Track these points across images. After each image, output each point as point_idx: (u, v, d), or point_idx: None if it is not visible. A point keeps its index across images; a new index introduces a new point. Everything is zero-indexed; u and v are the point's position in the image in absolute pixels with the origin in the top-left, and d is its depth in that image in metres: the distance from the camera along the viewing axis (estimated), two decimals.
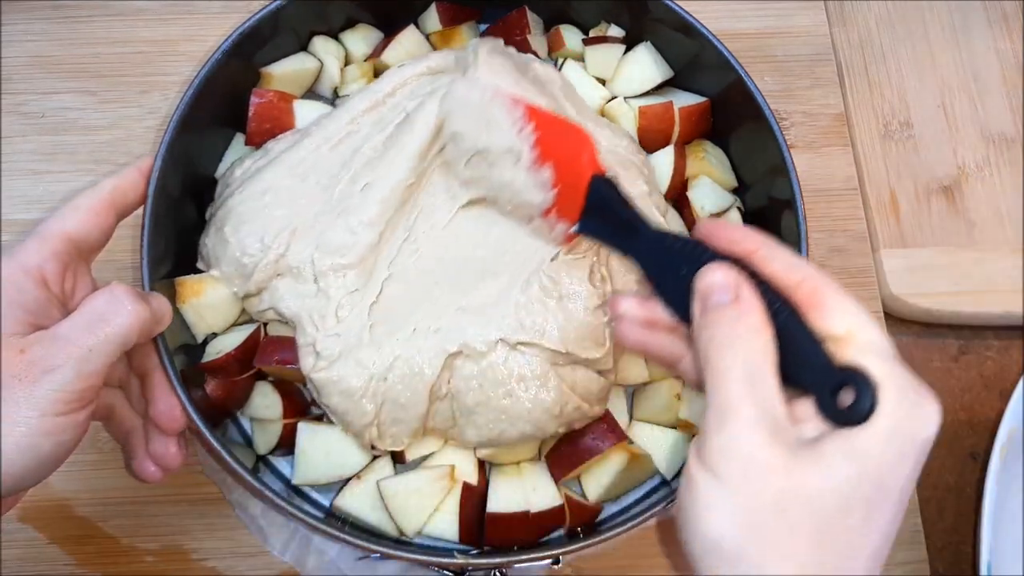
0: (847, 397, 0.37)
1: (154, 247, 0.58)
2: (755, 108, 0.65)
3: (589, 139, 0.54)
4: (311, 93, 0.72)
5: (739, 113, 0.67)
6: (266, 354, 0.61)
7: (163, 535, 0.66)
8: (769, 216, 0.68)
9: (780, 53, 0.82)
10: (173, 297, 0.60)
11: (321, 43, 0.71)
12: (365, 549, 0.56)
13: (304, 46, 0.72)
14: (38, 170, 0.75)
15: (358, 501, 0.60)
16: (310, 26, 0.71)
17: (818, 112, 0.81)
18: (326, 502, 0.63)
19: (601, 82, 0.72)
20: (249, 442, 0.65)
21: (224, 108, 0.66)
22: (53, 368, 0.45)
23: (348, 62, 0.72)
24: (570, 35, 0.73)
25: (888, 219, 0.77)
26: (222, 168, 0.68)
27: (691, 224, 0.69)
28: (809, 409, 0.38)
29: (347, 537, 0.56)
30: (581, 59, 0.72)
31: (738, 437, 0.37)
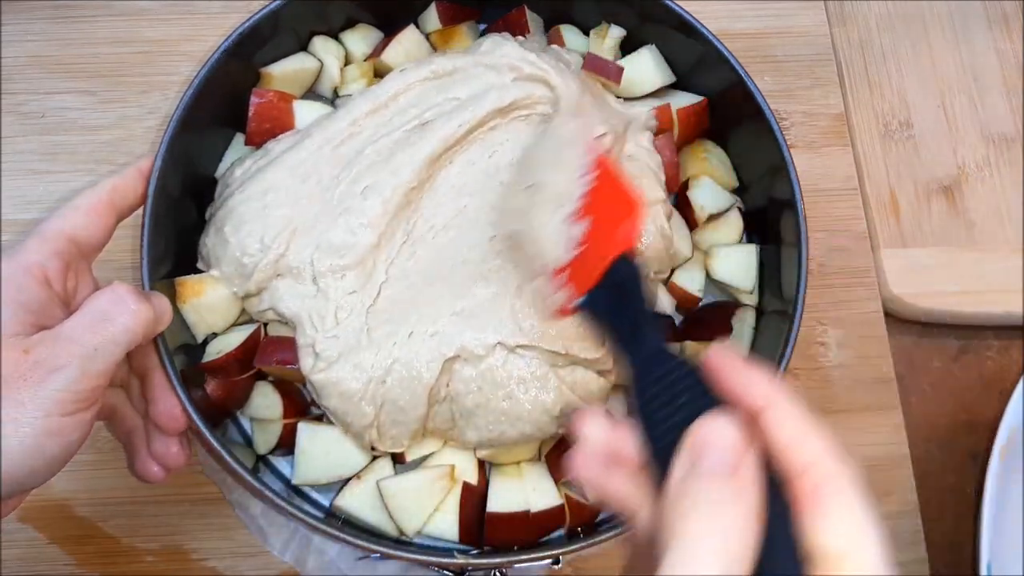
0: None
1: (154, 247, 0.58)
2: (755, 108, 0.65)
3: (639, 212, 0.50)
4: (311, 93, 0.72)
5: (739, 113, 0.67)
6: (266, 354, 0.61)
7: (163, 535, 0.66)
8: (769, 216, 0.68)
9: (780, 53, 0.82)
10: (173, 297, 0.60)
11: (321, 43, 0.71)
12: (365, 549, 0.56)
13: (304, 46, 0.71)
14: (38, 170, 0.74)
15: (358, 501, 0.60)
16: (310, 26, 0.71)
17: (818, 112, 0.80)
18: (326, 502, 0.63)
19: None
20: (249, 442, 0.65)
21: (224, 108, 0.66)
22: (58, 368, 0.45)
23: (348, 62, 0.72)
24: (570, 35, 0.73)
25: (888, 219, 0.77)
26: (222, 168, 0.68)
27: (692, 225, 0.69)
28: None
29: (347, 537, 0.55)
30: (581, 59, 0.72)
31: None
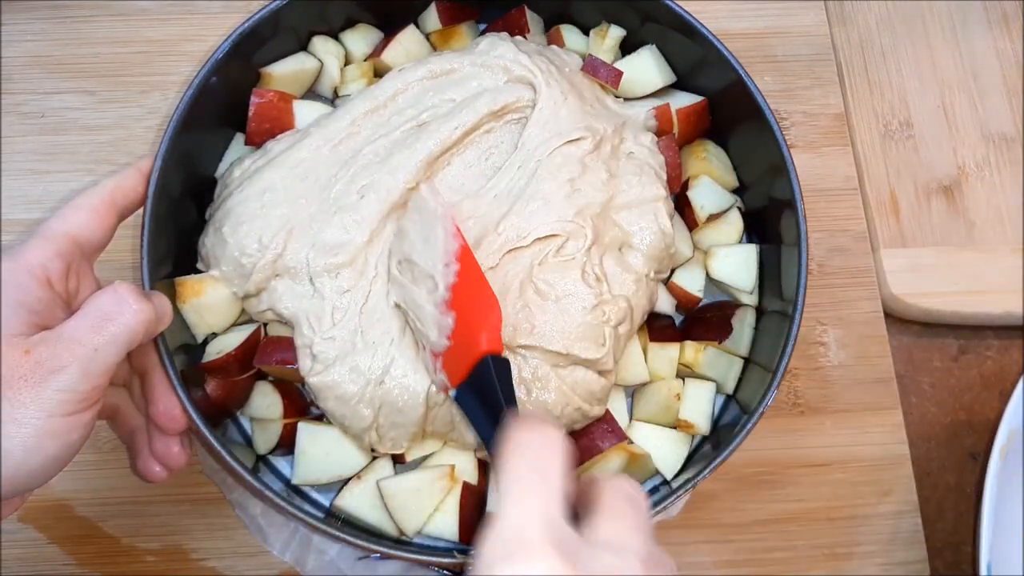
0: None
1: (154, 247, 0.58)
2: (755, 108, 0.65)
3: (497, 315, 0.52)
4: (311, 93, 0.72)
5: (739, 113, 0.67)
6: (266, 354, 0.61)
7: (163, 535, 0.66)
8: (769, 216, 0.68)
9: (780, 53, 0.82)
10: (173, 297, 0.60)
11: (321, 43, 0.71)
12: (365, 549, 0.56)
13: (304, 46, 0.71)
14: (38, 170, 0.74)
15: (358, 501, 0.60)
16: (310, 26, 0.71)
17: (818, 112, 0.80)
18: (326, 502, 0.63)
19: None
20: (249, 442, 0.65)
21: (224, 108, 0.66)
22: (59, 369, 0.45)
23: (348, 62, 0.72)
24: (570, 35, 0.73)
25: (888, 219, 0.77)
26: (222, 168, 0.68)
27: (692, 225, 0.69)
28: None
29: (347, 537, 0.56)
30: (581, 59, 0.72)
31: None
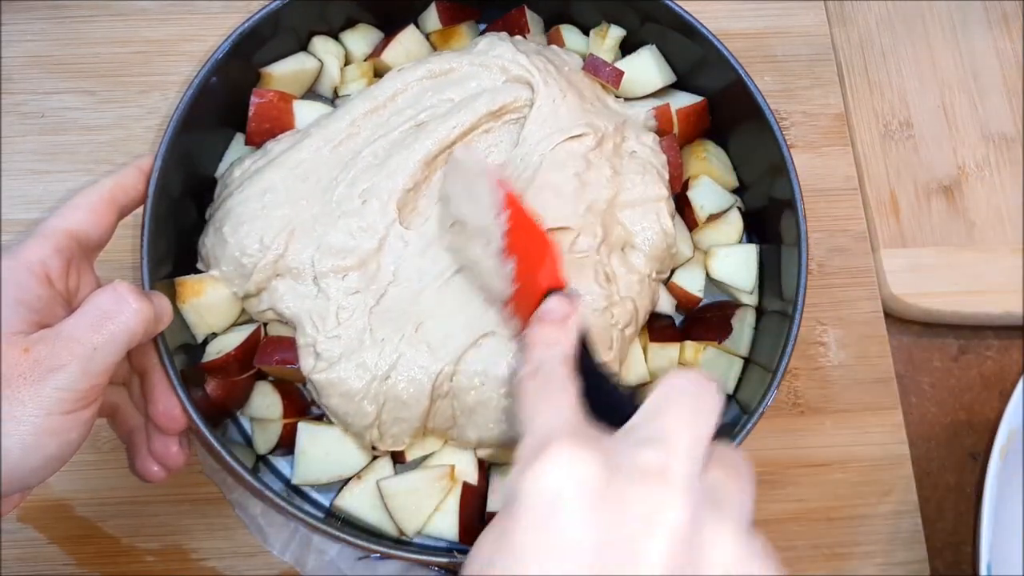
0: None
1: (154, 247, 0.58)
2: (755, 108, 0.65)
3: (552, 251, 0.53)
4: (311, 93, 0.72)
5: (739, 113, 0.67)
6: (266, 354, 0.61)
7: (163, 535, 0.66)
8: (769, 216, 0.68)
9: (780, 53, 0.82)
10: (173, 297, 0.60)
11: (321, 43, 0.71)
12: (365, 549, 0.56)
13: (304, 46, 0.71)
14: (38, 170, 0.74)
15: (358, 501, 0.60)
16: (310, 26, 0.71)
17: (818, 112, 0.80)
18: (326, 502, 0.63)
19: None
20: (249, 442, 0.65)
21: (224, 108, 0.66)
22: (58, 367, 0.45)
23: (348, 62, 0.72)
24: (570, 35, 0.73)
25: (888, 219, 0.77)
26: (222, 168, 0.68)
27: (692, 225, 0.69)
28: None
29: (347, 537, 0.56)
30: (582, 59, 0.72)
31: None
